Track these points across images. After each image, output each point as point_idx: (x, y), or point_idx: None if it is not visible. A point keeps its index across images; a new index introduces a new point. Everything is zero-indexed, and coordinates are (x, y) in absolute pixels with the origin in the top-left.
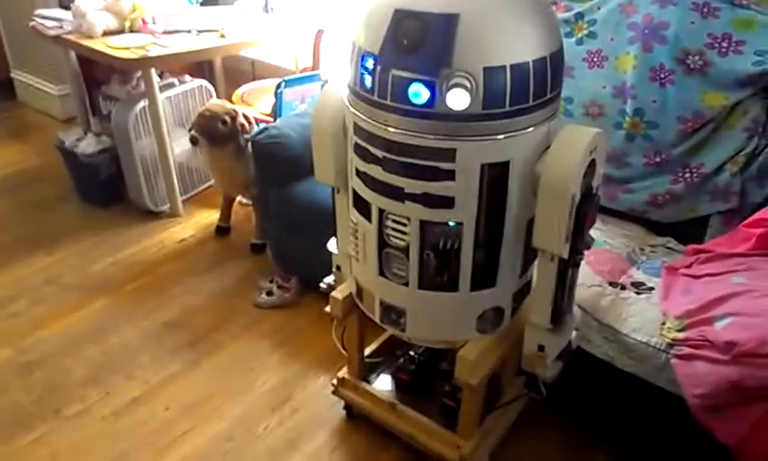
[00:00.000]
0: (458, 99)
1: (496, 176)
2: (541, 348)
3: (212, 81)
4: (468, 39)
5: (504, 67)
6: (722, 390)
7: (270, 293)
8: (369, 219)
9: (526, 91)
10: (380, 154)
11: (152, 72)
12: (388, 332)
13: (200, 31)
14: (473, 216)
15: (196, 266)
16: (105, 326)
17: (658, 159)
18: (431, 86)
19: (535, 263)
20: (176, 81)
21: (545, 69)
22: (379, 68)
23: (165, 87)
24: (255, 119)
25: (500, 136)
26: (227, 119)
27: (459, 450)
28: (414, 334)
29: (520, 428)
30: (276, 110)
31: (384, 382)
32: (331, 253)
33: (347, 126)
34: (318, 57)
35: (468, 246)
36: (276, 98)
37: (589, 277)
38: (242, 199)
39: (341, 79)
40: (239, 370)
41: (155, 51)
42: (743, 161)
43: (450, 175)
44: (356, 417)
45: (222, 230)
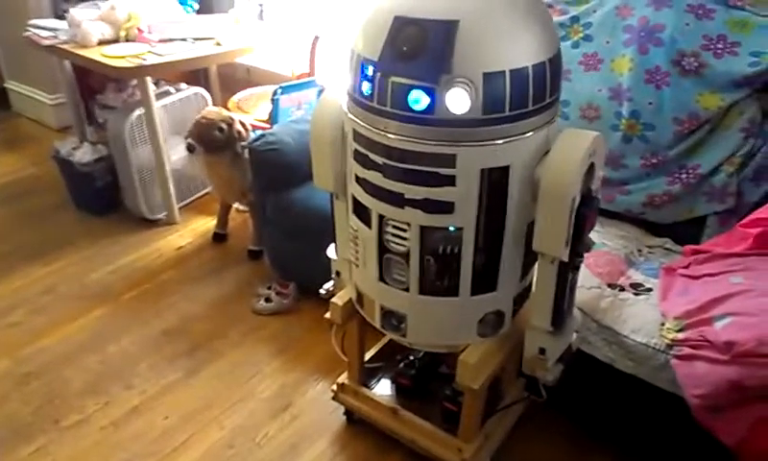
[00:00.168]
0: (458, 101)
1: (496, 181)
2: (542, 351)
3: (208, 88)
4: (468, 45)
5: (503, 73)
6: (722, 390)
7: (268, 299)
8: (369, 225)
9: (526, 96)
10: (380, 160)
11: (147, 80)
12: (387, 337)
13: (195, 39)
14: (473, 221)
15: (194, 273)
16: (103, 335)
17: (654, 161)
18: (431, 93)
19: (535, 266)
20: (171, 89)
21: (545, 74)
22: (379, 75)
23: (161, 95)
24: (252, 126)
25: (500, 141)
26: (223, 126)
27: (461, 454)
28: (415, 340)
29: (521, 431)
30: (273, 117)
31: (384, 387)
32: (330, 258)
33: (345, 133)
34: (314, 63)
35: (469, 251)
36: (273, 105)
37: (588, 278)
38: (239, 206)
39: (339, 86)
40: (238, 377)
41: (150, 59)
42: (739, 162)
43: (450, 180)
44: (357, 422)
45: (219, 237)
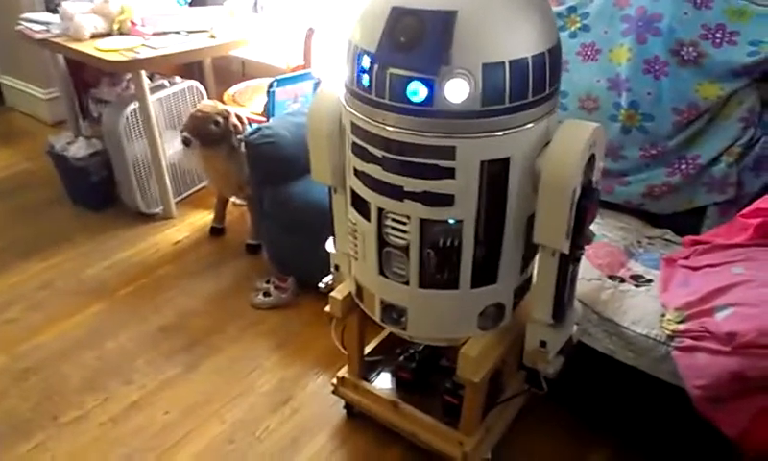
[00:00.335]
0: (457, 91)
1: (496, 173)
2: (543, 343)
3: (203, 81)
4: (467, 36)
5: (503, 63)
6: (723, 381)
7: (267, 293)
8: (368, 218)
9: (525, 87)
10: (379, 153)
11: (142, 74)
12: (387, 331)
13: (189, 31)
14: (474, 213)
15: (191, 268)
16: (100, 330)
17: (653, 152)
18: (430, 84)
19: (535, 259)
20: (166, 82)
21: (544, 64)
22: (376, 67)
23: (156, 89)
24: (248, 119)
25: (500, 133)
26: (219, 120)
27: (461, 447)
28: (415, 333)
29: (522, 423)
30: (269, 110)
31: (384, 381)
32: (329, 252)
33: (343, 125)
34: (309, 55)
35: (469, 243)
36: (269, 97)
37: (589, 270)
38: (236, 199)
39: (336, 78)
40: (238, 371)
41: (144, 53)
42: (739, 152)
43: (450, 173)
44: (357, 416)
45: (216, 232)
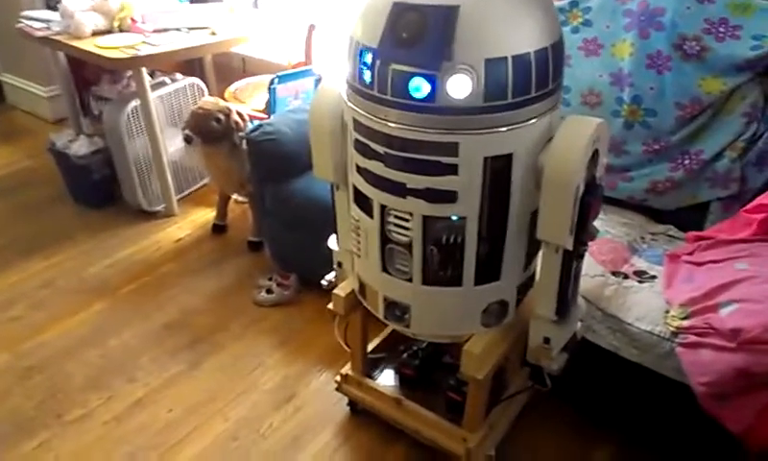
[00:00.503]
0: (459, 87)
1: (499, 169)
2: (547, 340)
3: (203, 78)
4: (469, 31)
5: (506, 59)
6: (728, 377)
7: (269, 291)
8: (370, 215)
9: (528, 83)
10: (381, 150)
11: (142, 71)
12: (390, 327)
13: (190, 28)
14: (477, 210)
15: (193, 266)
16: (103, 329)
17: (656, 147)
18: (432, 80)
19: (539, 255)
20: (167, 79)
21: (547, 60)
22: (378, 63)
23: (156, 86)
24: (249, 116)
25: (503, 129)
26: (220, 117)
27: (465, 444)
28: (418, 330)
29: (525, 420)
30: (270, 107)
31: (388, 378)
32: (332, 249)
33: (345, 122)
34: (310, 52)
35: (472, 240)
36: (270, 94)
37: (592, 266)
38: (238, 197)
39: (338, 74)
40: (241, 369)
41: (145, 50)
42: (742, 147)
43: (453, 169)
44: (360, 413)
45: (218, 229)
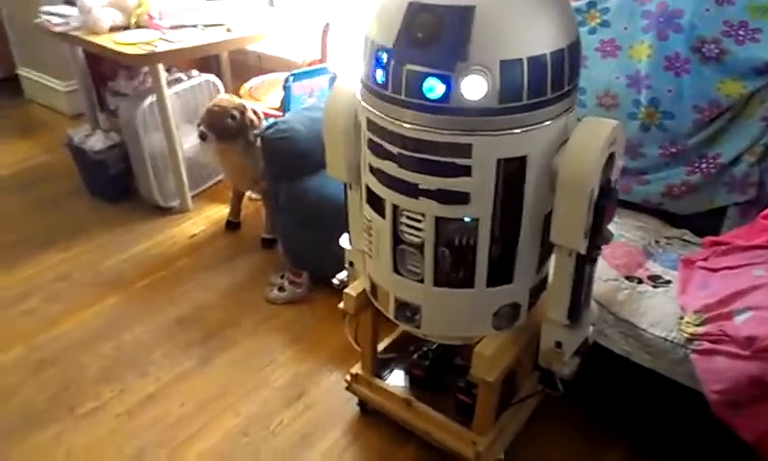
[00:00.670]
0: (474, 88)
1: (513, 171)
2: (558, 344)
3: (219, 75)
4: (484, 32)
5: (521, 60)
6: (742, 385)
7: (281, 288)
8: (383, 215)
9: (544, 84)
10: (395, 150)
11: (159, 67)
12: (401, 328)
13: (206, 25)
14: (489, 212)
15: (207, 261)
16: (117, 322)
17: (673, 150)
18: (446, 81)
19: (551, 258)
20: (183, 76)
21: (563, 61)
22: (393, 63)
23: (173, 83)
24: (264, 114)
25: (517, 131)
26: (235, 114)
27: (474, 447)
28: (429, 331)
29: (536, 424)
30: (285, 105)
31: (398, 378)
32: (344, 248)
33: (359, 122)
34: (326, 50)
35: (484, 242)
36: (285, 92)
37: (605, 270)
38: (252, 194)
39: (352, 74)
40: (252, 365)
41: (161, 46)
42: (761, 151)
43: (466, 170)
44: (370, 413)
45: (232, 226)
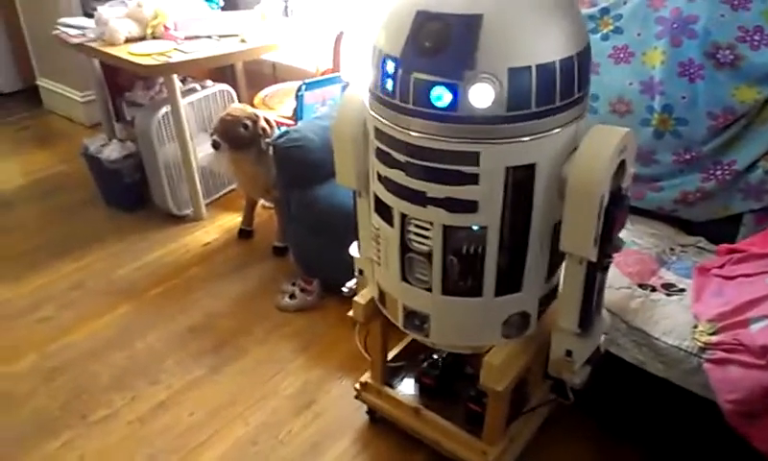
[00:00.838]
0: (481, 96)
1: (522, 179)
2: (569, 353)
3: (234, 85)
4: (492, 40)
5: (529, 68)
6: (757, 395)
7: (292, 296)
8: (391, 224)
9: (552, 92)
10: (403, 158)
11: (174, 78)
12: (411, 336)
13: (221, 36)
14: (498, 220)
15: (219, 269)
16: (130, 330)
17: (687, 157)
18: (454, 89)
19: (562, 266)
20: (198, 86)
21: (572, 69)
22: (401, 71)
23: (187, 93)
24: (277, 123)
25: (526, 139)
26: (248, 123)
27: (485, 457)
28: (438, 340)
29: (547, 433)
30: (297, 113)
31: (407, 387)
32: (353, 256)
33: (368, 130)
34: (338, 59)
35: (493, 250)
36: (297, 101)
37: (618, 278)
38: (264, 202)
39: (362, 82)
40: (263, 374)
41: (176, 57)
42: None
43: (474, 179)
44: (379, 421)
45: (245, 234)
